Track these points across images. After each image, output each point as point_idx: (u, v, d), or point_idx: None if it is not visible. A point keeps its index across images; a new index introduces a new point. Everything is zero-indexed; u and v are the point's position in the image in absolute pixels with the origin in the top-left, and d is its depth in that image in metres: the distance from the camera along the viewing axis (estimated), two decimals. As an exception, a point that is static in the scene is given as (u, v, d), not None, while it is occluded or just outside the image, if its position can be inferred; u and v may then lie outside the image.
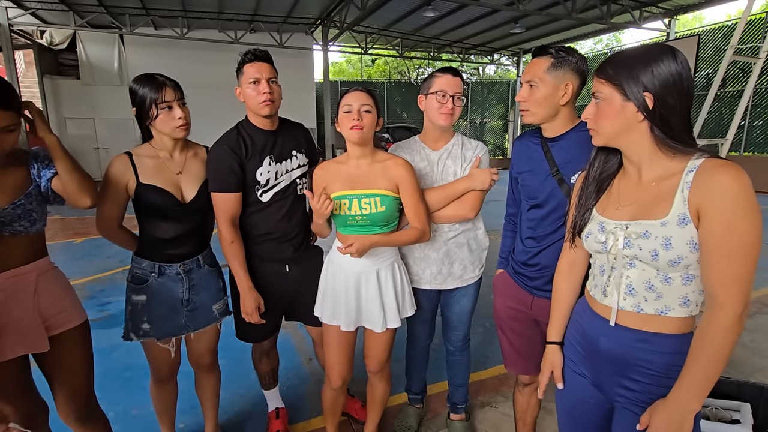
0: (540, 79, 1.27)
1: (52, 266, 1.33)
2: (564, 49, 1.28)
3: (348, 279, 1.48)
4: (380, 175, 1.46)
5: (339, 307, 1.51)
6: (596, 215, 1.01)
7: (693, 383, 0.85)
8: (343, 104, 1.42)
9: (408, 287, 1.58)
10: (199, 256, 1.56)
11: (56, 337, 1.29)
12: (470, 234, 1.67)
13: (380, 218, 1.44)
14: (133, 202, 1.47)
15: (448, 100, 1.52)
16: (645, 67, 0.87)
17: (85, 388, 1.39)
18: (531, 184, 1.40)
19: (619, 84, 0.89)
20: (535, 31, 12.21)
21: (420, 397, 2.01)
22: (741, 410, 1.61)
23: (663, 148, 0.90)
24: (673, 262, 0.87)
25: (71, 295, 1.36)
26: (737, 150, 9.87)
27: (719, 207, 0.81)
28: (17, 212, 1.19)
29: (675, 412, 0.86)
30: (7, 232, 1.19)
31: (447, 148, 1.63)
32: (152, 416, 1.76)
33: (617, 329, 0.96)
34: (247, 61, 1.51)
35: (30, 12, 9.59)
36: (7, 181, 1.21)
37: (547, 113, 1.31)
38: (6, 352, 1.21)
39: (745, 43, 9.29)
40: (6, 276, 1.20)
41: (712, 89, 6.42)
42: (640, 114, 0.88)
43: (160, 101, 1.37)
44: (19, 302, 1.22)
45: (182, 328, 1.54)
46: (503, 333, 1.55)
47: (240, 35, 11.48)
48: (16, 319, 1.21)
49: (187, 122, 1.43)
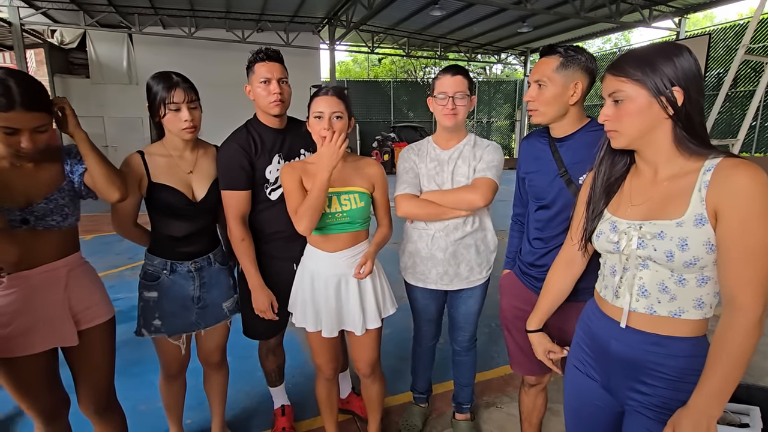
0: (549, 79, 1.26)
1: (83, 261, 1.36)
2: (573, 48, 1.27)
3: (327, 285, 1.47)
4: (354, 174, 1.48)
5: (320, 314, 1.50)
6: (608, 215, 1.00)
7: (713, 389, 0.83)
8: (313, 109, 1.41)
9: (387, 286, 1.57)
10: (210, 254, 1.57)
11: (84, 332, 1.32)
12: (478, 235, 1.65)
13: (359, 215, 1.45)
14: (145, 200, 1.48)
15: (448, 101, 1.52)
16: (669, 62, 0.85)
17: (107, 382, 1.42)
18: (538, 185, 1.39)
19: (643, 80, 0.86)
20: (542, 30, 12.11)
21: (425, 396, 2.00)
22: (750, 414, 1.58)
23: (681, 147, 0.88)
24: (689, 263, 0.85)
25: (101, 291, 1.38)
26: (749, 150, 9.71)
27: (737, 206, 0.79)
28: (50, 207, 1.22)
29: (698, 419, 0.84)
30: (41, 227, 1.21)
31: (458, 148, 1.61)
32: (160, 411, 1.78)
33: (629, 332, 0.95)
34: (259, 60, 1.52)
35: (41, 11, 9.70)
36: (42, 176, 1.24)
37: (557, 113, 1.29)
38: (36, 346, 1.24)
39: (758, 42, 9.15)
40: (38, 271, 1.23)
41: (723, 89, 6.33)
42: (664, 112, 0.86)
43: (168, 101, 1.38)
44: (50, 297, 1.25)
45: (193, 325, 1.56)
46: (509, 333, 1.55)
47: (247, 35, 11.52)
48: (47, 314, 1.24)
49: (193, 125, 1.43)
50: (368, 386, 1.69)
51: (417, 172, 1.65)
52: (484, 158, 1.58)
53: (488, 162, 1.57)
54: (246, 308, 1.67)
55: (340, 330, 1.54)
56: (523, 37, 12.85)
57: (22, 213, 1.18)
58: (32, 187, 1.21)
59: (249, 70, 1.55)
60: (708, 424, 0.84)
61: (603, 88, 0.94)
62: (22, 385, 1.26)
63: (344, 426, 1.96)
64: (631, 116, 0.89)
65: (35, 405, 1.30)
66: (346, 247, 1.47)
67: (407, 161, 1.68)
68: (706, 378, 0.85)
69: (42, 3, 9.47)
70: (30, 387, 1.28)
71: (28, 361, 1.24)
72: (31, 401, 1.29)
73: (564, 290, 1.19)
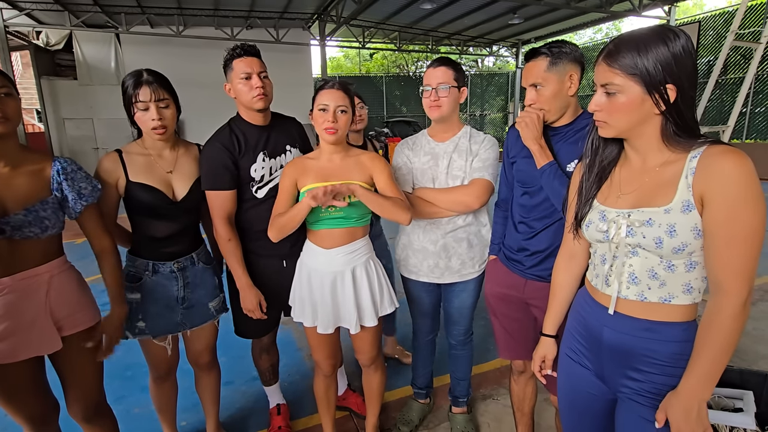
0: (543, 79, 1.26)
1: (67, 266, 1.31)
2: (555, 44, 1.27)
3: (323, 281, 1.45)
4: (354, 168, 1.45)
5: (316, 310, 1.49)
6: (597, 204, 1.00)
7: (702, 372, 0.85)
8: (318, 102, 1.40)
9: (386, 284, 1.54)
10: (193, 254, 1.54)
11: (69, 338, 1.29)
12: (472, 229, 1.64)
13: (353, 210, 1.42)
14: (124, 200, 1.45)
15: (431, 92, 1.51)
16: (665, 55, 0.82)
17: (95, 387, 1.40)
18: (525, 170, 1.39)
19: (638, 75, 0.84)
20: (533, 22, 12.09)
21: (425, 392, 1.99)
22: (744, 398, 1.59)
23: (669, 141, 0.88)
24: (677, 249, 0.86)
25: (86, 296, 1.35)
26: (739, 137, 9.79)
27: (723, 193, 0.80)
28: (29, 218, 1.16)
29: (689, 402, 0.86)
30: (18, 236, 1.17)
31: (454, 141, 1.59)
32: (153, 415, 1.76)
33: (621, 319, 0.95)
34: (236, 56, 1.49)
35: (25, 13, 9.54)
36: (21, 185, 1.18)
37: (561, 107, 1.29)
38: (19, 353, 1.21)
39: (747, 28, 9.18)
40: (18, 278, 1.19)
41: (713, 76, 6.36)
42: (656, 107, 0.85)
43: (135, 100, 1.35)
44: (31, 304, 1.21)
45: (178, 325, 1.54)
46: (495, 317, 1.56)
47: (236, 32, 11.41)
48: (29, 321, 1.21)
49: (163, 125, 1.38)
50: (370, 375, 1.68)
51: (410, 167, 1.64)
52: (480, 155, 1.56)
53: (484, 160, 1.55)
54: (236, 307, 1.65)
55: (339, 327, 1.52)
56: (515, 28, 12.83)
57: None
58: (8, 196, 1.16)
59: (227, 67, 1.52)
60: (699, 407, 0.86)
61: (595, 76, 0.91)
62: (7, 393, 1.23)
63: (341, 423, 1.95)
64: (622, 111, 0.88)
65: (22, 411, 1.28)
66: (341, 243, 1.44)
67: (400, 156, 1.67)
68: (694, 362, 0.86)
69: (26, 4, 9.32)
70: (16, 394, 1.25)
71: (13, 369, 1.21)
72: (17, 408, 1.27)
73: (572, 286, 1.17)
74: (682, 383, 0.87)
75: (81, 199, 1.25)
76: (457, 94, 1.53)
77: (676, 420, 0.87)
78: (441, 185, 1.60)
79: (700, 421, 0.86)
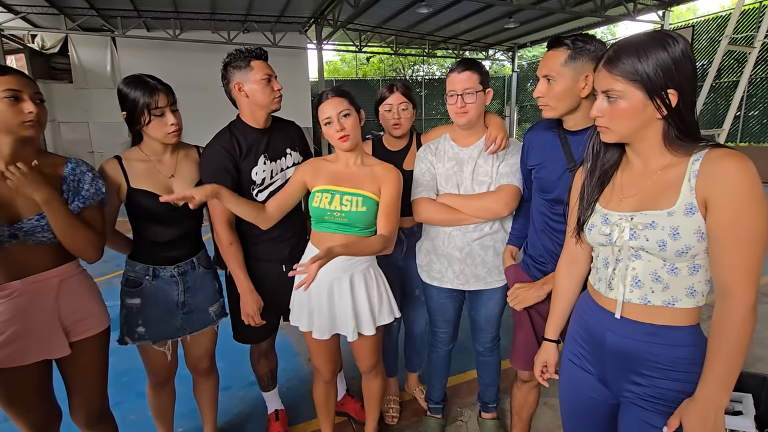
0: (557, 73, 1.20)
1: (77, 271, 1.30)
2: (581, 37, 1.19)
3: (320, 287, 1.43)
4: (367, 177, 1.44)
5: (313, 315, 1.48)
6: (599, 208, 0.99)
7: (718, 379, 0.84)
8: (321, 117, 1.40)
9: (386, 293, 1.51)
10: (193, 258, 1.53)
11: (77, 344, 1.28)
12: (498, 236, 1.59)
13: (359, 219, 1.41)
14: (126, 206, 1.44)
15: (457, 99, 1.46)
16: (666, 61, 0.82)
17: (100, 394, 1.39)
18: (546, 177, 1.35)
19: (639, 80, 0.84)
20: (529, 26, 12.17)
21: (440, 407, 1.94)
22: (743, 401, 1.60)
23: (670, 145, 0.88)
24: (681, 252, 0.86)
25: (96, 301, 1.34)
26: (734, 140, 9.87)
27: (726, 196, 0.80)
28: (41, 224, 1.17)
29: (706, 410, 0.85)
30: (31, 241, 1.17)
31: (479, 145, 1.54)
32: (150, 421, 1.74)
33: (624, 323, 0.95)
34: (257, 56, 1.49)
35: (20, 16, 9.49)
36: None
37: (568, 106, 1.24)
38: (27, 357, 1.20)
39: (740, 32, 9.28)
40: (27, 282, 1.19)
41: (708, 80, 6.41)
42: (657, 112, 0.85)
43: (153, 107, 1.34)
44: (39, 308, 1.21)
45: (178, 330, 1.52)
46: (521, 330, 1.51)
47: (233, 35, 11.41)
48: (37, 325, 1.21)
49: (179, 128, 1.41)
50: (369, 381, 1.67)
51: (434, 173, 1.59)
52: (507, 160, 1.52)
53: (511, 165, 1.50)
54: (235, 312, 1.64)
55: (337, 338, 1.51)
56: (510, 32, 12.91)
57: (11, 228, 1.14)
58: (22, 201, 1.16)
59: (241, 68, 1.49)
60: (716, 415, 0.85)
61: (596, 82, 0.91)
62: (13, 397, 1.22)
63: (339, 429, 1.93)
64: (624, 117, 0.88)
65: (26, 418, 1.26)
66: None
67: (423, 162, 1.61)
68: (709, 368, 0.85)
69: (21, 7, 9.27)
70: (21, 399, 1.24)
71: (20, 373, 1.20)
72: (21, 414, 1.25)
73: (574, 290, 1.16)
74: (698, 391, 0.86)
75: (78, 200, 1.24)
76: (483, 98, 1.48)
77: (692, 428, 0.85)
78: (466, 191, 1.54)
79: (717, 430, 0.85)
